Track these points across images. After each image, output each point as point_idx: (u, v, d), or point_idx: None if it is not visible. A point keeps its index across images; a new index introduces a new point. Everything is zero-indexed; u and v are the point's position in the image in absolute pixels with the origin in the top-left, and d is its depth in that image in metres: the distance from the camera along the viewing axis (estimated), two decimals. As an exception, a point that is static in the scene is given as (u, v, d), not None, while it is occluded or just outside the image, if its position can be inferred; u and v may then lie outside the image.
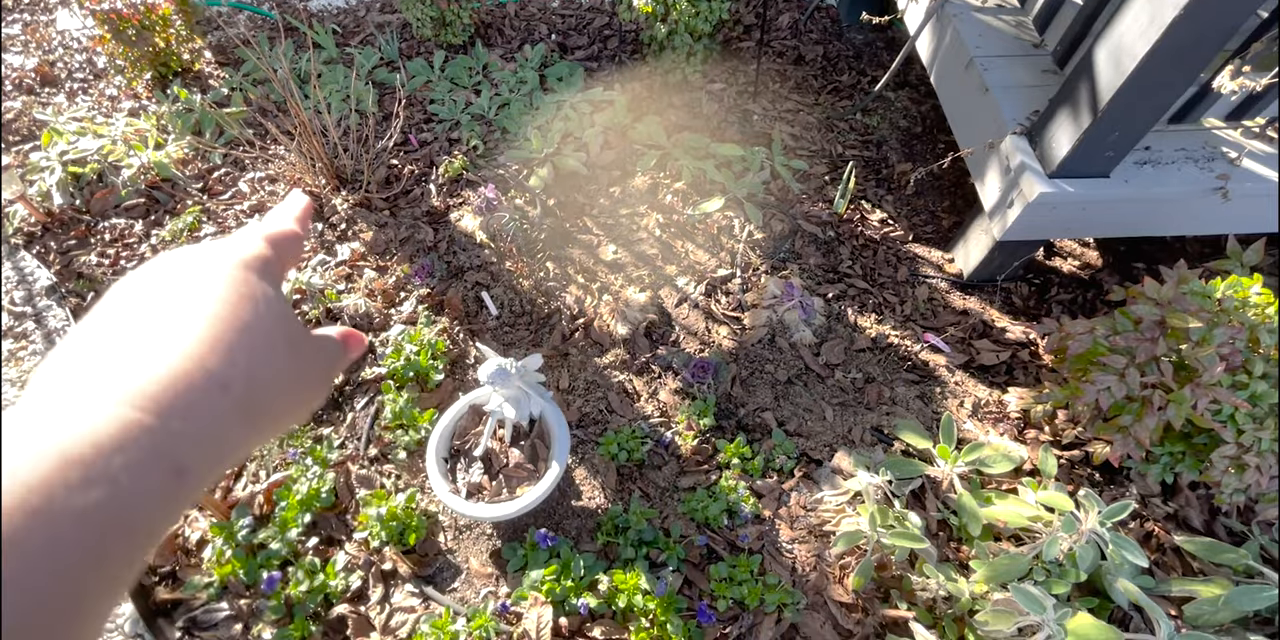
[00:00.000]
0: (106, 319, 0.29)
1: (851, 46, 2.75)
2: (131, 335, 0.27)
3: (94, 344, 0.27)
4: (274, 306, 0.31)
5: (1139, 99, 1.48)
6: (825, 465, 1.68)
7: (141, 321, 0.28)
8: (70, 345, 0.27)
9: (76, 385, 0.25)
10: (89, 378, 0.25)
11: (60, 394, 0.25)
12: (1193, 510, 1.61)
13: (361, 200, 2.29)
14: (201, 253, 0.32)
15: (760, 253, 2.11)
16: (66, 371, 0.26)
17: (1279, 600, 1.30)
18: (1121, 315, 1.53)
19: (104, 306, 0.29)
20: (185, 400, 0.25)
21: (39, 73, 2.88)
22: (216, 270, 0.31)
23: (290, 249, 0.36)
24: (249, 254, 0.33)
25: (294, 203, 0.40)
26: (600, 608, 1.43)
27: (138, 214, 2.34)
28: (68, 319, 2.05)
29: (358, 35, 2.90)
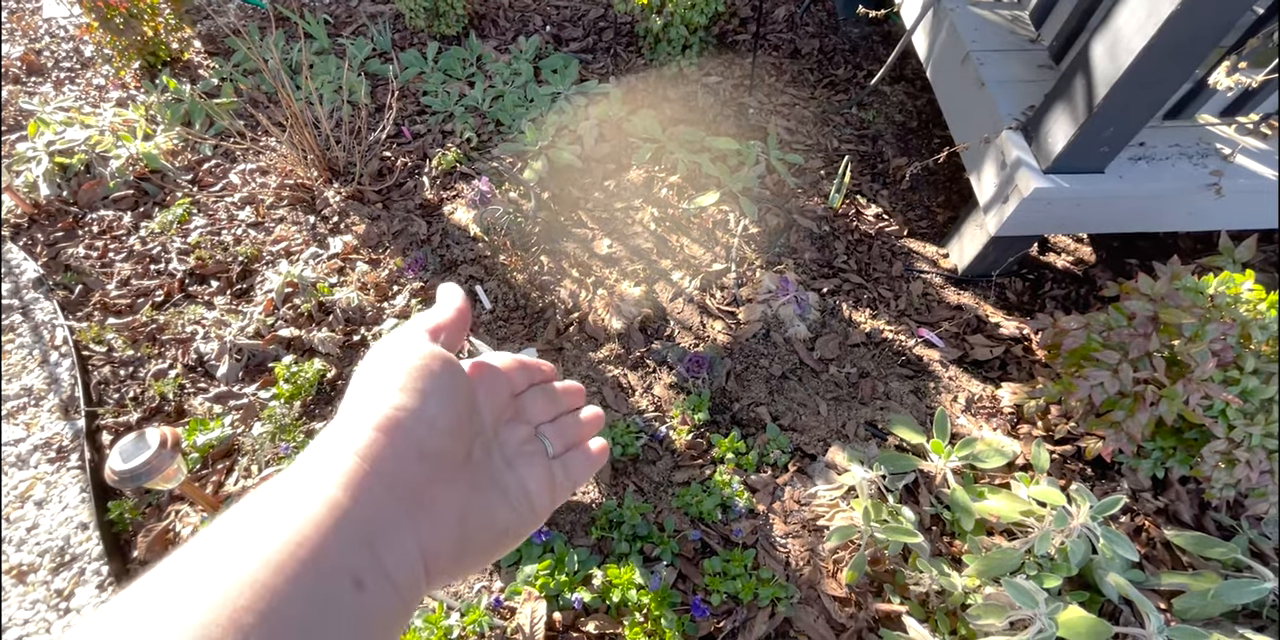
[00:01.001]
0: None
1: (848, 40, 2.74)
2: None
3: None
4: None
5: (1135, 94, 1.48)
6: (819, 460, 1.68)
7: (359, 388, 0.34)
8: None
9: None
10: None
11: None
12: (1183, 505, 1.62)
13: (354, 193, 2.27)
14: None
15: (755, 247, 2.10)
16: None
17: (1268, 594, 1.31)
18: (1115, 311, 1.53)
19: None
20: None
21: (25, 61, 2.84)
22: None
23: (453, 338, 0.39)
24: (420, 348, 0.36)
25: (449, 299, 0.40)
26: (594, 602, 1.43)
27: (126, 205, 2.31)
28: (55, 312, 2.02)
29: (350, 25, 2.86)
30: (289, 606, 0.25)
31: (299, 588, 0.25)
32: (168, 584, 0.25)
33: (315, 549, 0.26)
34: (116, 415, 1.81)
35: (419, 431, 0.32)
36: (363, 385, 0.33)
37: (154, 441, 1.34)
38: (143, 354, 1.92)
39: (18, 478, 1.69)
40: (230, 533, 0.27)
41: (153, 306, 2.03)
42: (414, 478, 0.31)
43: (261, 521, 0.27)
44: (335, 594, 0.26)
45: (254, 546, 0.26)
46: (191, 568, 0.25)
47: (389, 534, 0.29)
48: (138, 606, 0.24)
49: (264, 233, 2.22)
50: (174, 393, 1.83)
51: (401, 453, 0.31)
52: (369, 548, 0.28)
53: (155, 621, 0.23)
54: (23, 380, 1.88)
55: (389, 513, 0.30)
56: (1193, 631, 1.28)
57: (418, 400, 0.32)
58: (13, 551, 1.57)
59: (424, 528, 0.31)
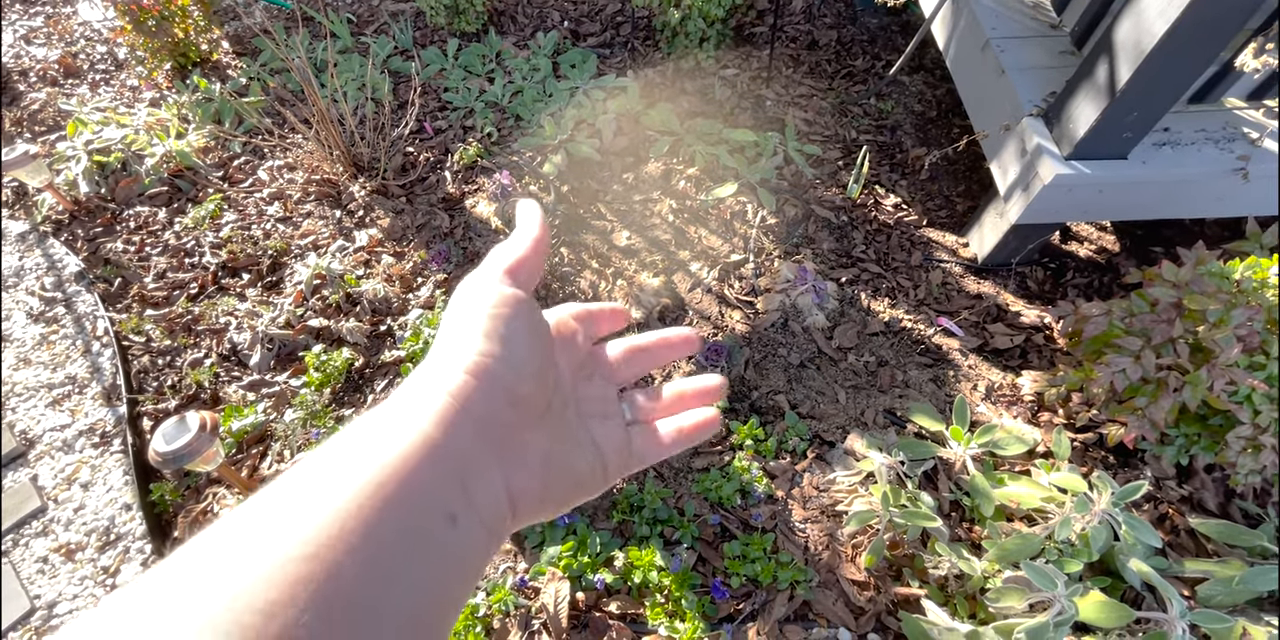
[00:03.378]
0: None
1: (866, 30, 2.73)
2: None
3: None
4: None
5: (1158, 79, 1.47)
6: (838, 447, 1.70)
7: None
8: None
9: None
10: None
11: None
12: (1208, 492, 1.61)
13: (378, 187, 2.32)
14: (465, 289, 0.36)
15: (773, 238, 2.12)
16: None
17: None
18: (1138, 297, 1.52)
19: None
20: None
21: (62, 64, 2.93)
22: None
23: (531, 273, 0.38)
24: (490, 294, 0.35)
25: (528, 225, 0.39)
26: (616, 583, 1.46)
27: (161, 202, 2.38)
28: (96, 304, 2.10)
29: (372, 24, 2.92)
30: (383, 537, 0.24)
31: (393, 519, 0.25)
32: (259, 514, 0.25)
33: (409, 480, 0.26)
34: (156, 402, 1.88)
35: (507, 377, 0.32)
36: (450, 329, 0.34)
37: (194, 425, 1.40)
38: (179, 344, 1.99)
39: (64, 461, 1.77)
40: (324, 462, 0.27)
41: (188, 298, 2.10)
42: (503, 420, 0.31)
43: (355, 453, 0.27)
44: (429, 527, 0.26)
45: (347, 476, 0.26)
46: (284, 497, 0.26)
47: (479, 471, 0.30)
48: (226, 537, 0.24)
49: (292, 227, 2.28)
50: (209, 381, 1.90)
51: (491, 395, 0.31)
52: (460, 484, 0.28)
53: (242, 552, 0.23)
54: (67, 369, 1.96)
55: (479, 450, 0.30)
56: (1217, 617, 1.27)
57: (502, 346, 0.32)
58: (61, 530, 1.65)
59: (511, 468, 0.31)
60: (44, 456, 1.78)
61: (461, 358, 0.32)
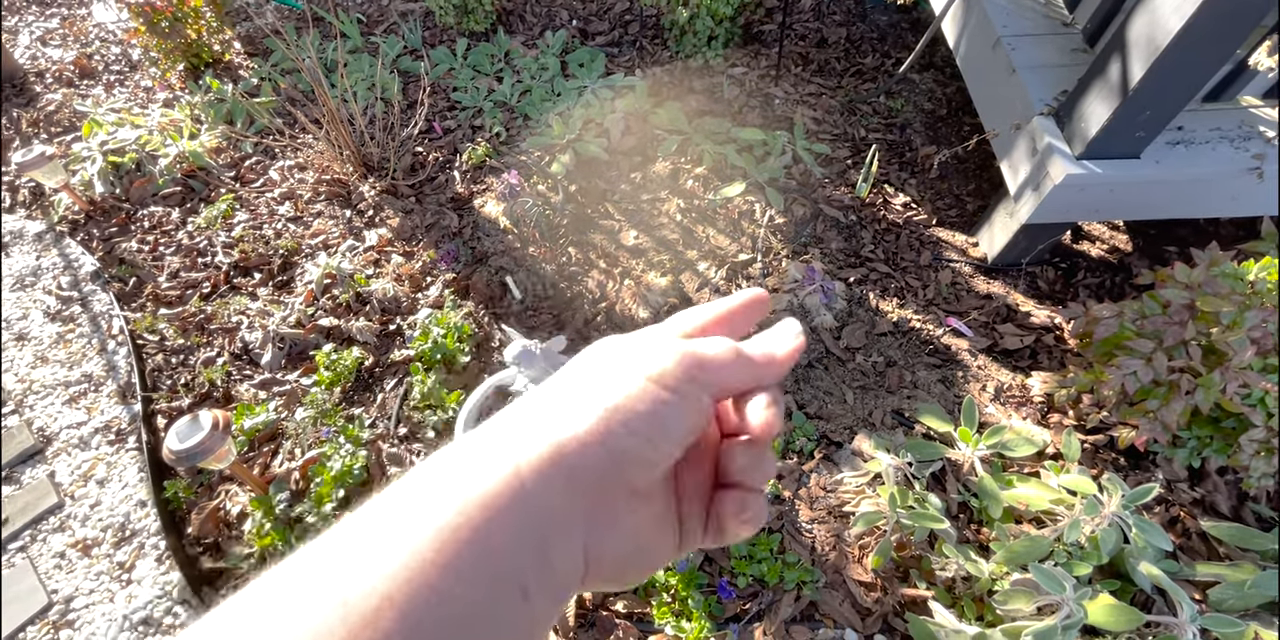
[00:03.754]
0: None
1: (875, 28, 2.71)
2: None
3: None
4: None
5: (1172, 77, 1.45)
6: (845, 447, 1.70)
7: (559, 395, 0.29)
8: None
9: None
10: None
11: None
12: (1220, 495, 1.59)
13: (388, 187, 2.34)
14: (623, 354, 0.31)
15: (781, 237, 2.11)
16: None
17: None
18: (1150, 299, 1.51)
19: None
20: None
21: (77, 65, 2.97)
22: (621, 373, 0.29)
23: (732, 380, 0.31)
24: (661, 370, 0.29)
25: (782, 341, 0.33)
26: (623, 582, 1.47)
27: (174, 202, 2.41)
28: (111, 303, 2.13)
29: (381, 24, 2.93)
30: (448, 610, 0.22)
31: (462, 591, 0.22)
32: (309, 564, 0.23)
33: (484, 542, 0.23)
34: (169, 400, 1.90)
35: (645, 451, 0.27)
36: (592, 370, 0.29)
37: (207, 424, 1.41)
38: (192, 342, 2.01)
39: (81, 458, 1.80)
40: (399, 503, 0.24)
41: (201, 297, 2.12)
42: (603, 475, 0.27)
43: (430, 492, 0.24)
44: (498, 601, 0.23)
45: (416, 526, 0.23)
46: (339, 545, 0.23)
47: (564, 531, 0.26)
48: (255, 606, 0.22)
49: (303, 226, 2.30)
50: (222, 379, 1.92)
51: (616, 455, 0.27)
52: (541, 545, 0.25)
53: (272, 623, 0.21)
54: (83, 367, 1.99)
55: (569, 505, 0.26)
56: (1228, 621, 1.26)
57: (647, 421, 0.27)
58: (78, 526, 1.68)
59: (597, 532, 0.27)
60: (61, 453, 1.81)
61: (607, 397, 0.27)
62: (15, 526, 1.68)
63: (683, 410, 0.28)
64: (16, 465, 1.80)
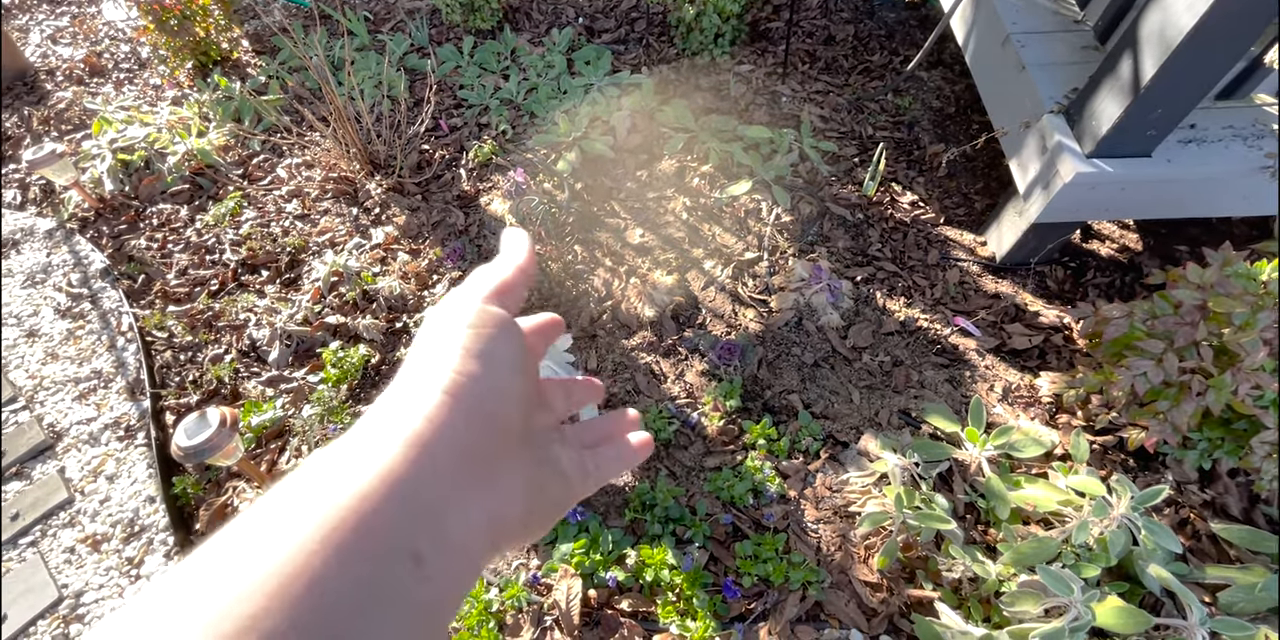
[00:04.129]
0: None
1: (883, 25, 2.69)
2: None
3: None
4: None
5: (1185, 75, 1.43)
6: (851, 447, 1.69)
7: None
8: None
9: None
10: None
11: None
12: (1231, 497, 1.58)
13: (394, 185, 2.34)
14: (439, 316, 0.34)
15: (788, 236, 2.10)
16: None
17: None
18: (1161, 299, 1.50)
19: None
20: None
21: (87, 63, 2.99)
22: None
23: (516, 300, 0.36)
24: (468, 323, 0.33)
25: (515, 250, 0.38)
26: (628, 581, 1.47)
27: (183, 199, 2.42)
28: (120, 300, 2.15)
29: (388, 22, 2.94)
30: (333, 591, 0.22)
31: (345, 570, 0.23)
32: (193, 575, 0.22)
33: (366, 523, 0.24)
34: (178, 397, 1.92)
35: (489, 399, 0.30)
36: (425, 349, 0.31)
37: (215, 421, 1.42)
38: (200, 340, 2.03)
39: (90, 454, 1.81)
40: (274, 508, 0.24)
41: (209, 295, 2.13)
42: (483, 444, 0.29)
43: (308, 495, 0.25)
44: (390, 574, 0.24)
45: (295, 525, 0.23)
46: (223, 553, 0.23)
47: (456, 502, 0.27)
48: (154, 606, 0.21)
49: (310, 224, 2.31)
50: (229, 376, 1.93)
51: (471, 418, 0.29)
52: (432, 519, 0.26)
53: (170, 623, 0.21)
54: (93, 364, 2.00)
55: (457, 479, 0.28)
56: (1238, 624, 1.25)
57: (484, 366, 0.30)
58: (87, 522, 1.69)
59: (492, 495, 0.29)
60: (71, 449, 1.83)
61: (438, 377, 0.29)
62: (26, 521, 1.70)
63: (502, 334, 0.32)
64: (27, 461, 1.82)
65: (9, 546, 1.67)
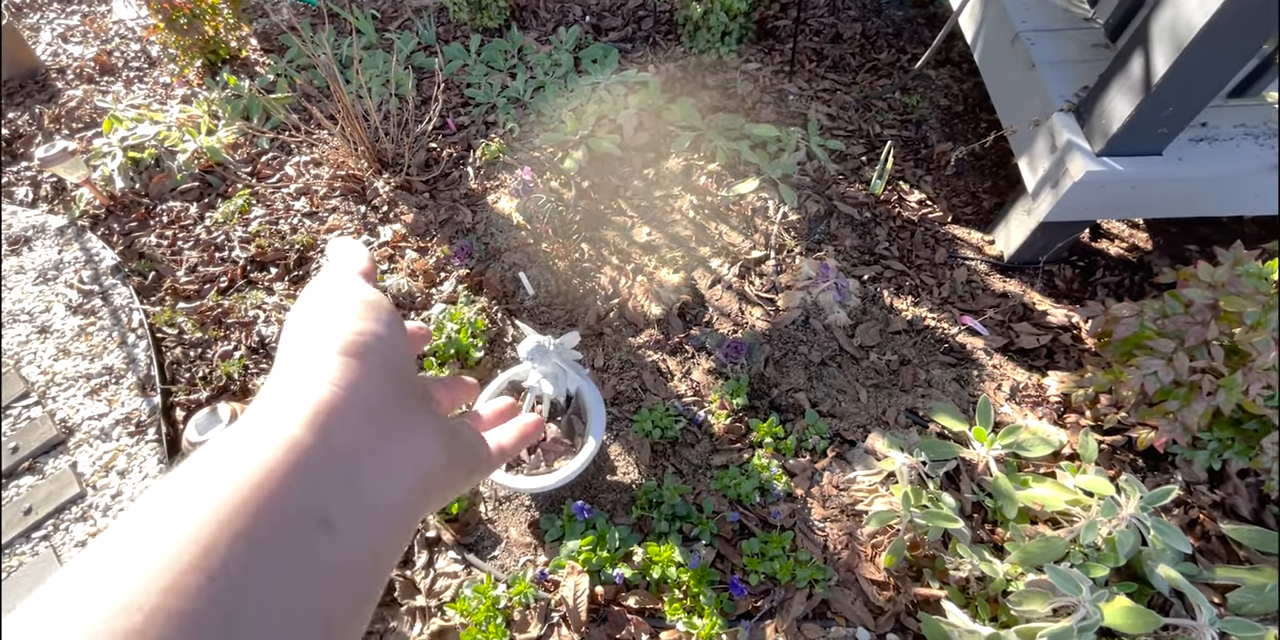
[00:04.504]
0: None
1: (891, 23, 2.68)
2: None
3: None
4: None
5: (1197, 72, 1.43)
6: (858, 446, 1.69)
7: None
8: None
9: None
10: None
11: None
12: (1241, 498, 1.57)
13: (402, 183, 2.35)
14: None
15: (795, 234, 2.10)
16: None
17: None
18: (1172, 298, 1.49)
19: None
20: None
21: (98, 62, 3.01)
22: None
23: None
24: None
25: (356, 252, 0.39)
26: (635, 578, 1.47)
27: (192, 197, 2.44)
28: (131, 297, 2.16)
29: (396, 20, 2.94)
30: (235, 563, 0.22)
31: (245, 546, 0.22)
32: (100, 555, 0.22)
33: (268, 496, 0.24)
34: (188, 393, 1.93)
35: (390, 356, 0.31)
36: (312, 320, 0.31)
37: (225, 416, 1.43)
38: (210, 336, 2.04)
39: (101, 449, 1.83)
40: (172, 492, 0.24)
41: (218, 292, 2.15)
42: (394, 397, 0.30)
43: (205, 474, 0.24)
44: (293, 541, 0.23)
45: (192, 504, 0.23)
46: (126, 535, 0.22)
47: (373, 458, 0.27)
48: (60, 591, 0.21)
49: (318, 222, 2.32)
50: (239, 373, 1.95)
51: (374, 375, 0.29)
52: (345, 480, 0.26)
53: (77, 605, 0.20)
54: (104, 360, 2.02)
55: (371, 435, 0.28)
56: (1248, 625, 1.25)
57: (380, 326, 0.31)
58: (99, 516, 1.71)
59: (411, 441, 0.29)
60: (83, 444, 1.85)
61: (333, 341, 0.30)
62: (39, 515, 1.71)
63: (388, 303, 0.34)
64: (40, 455, 1.84)
65: (22, 541, 1.69)
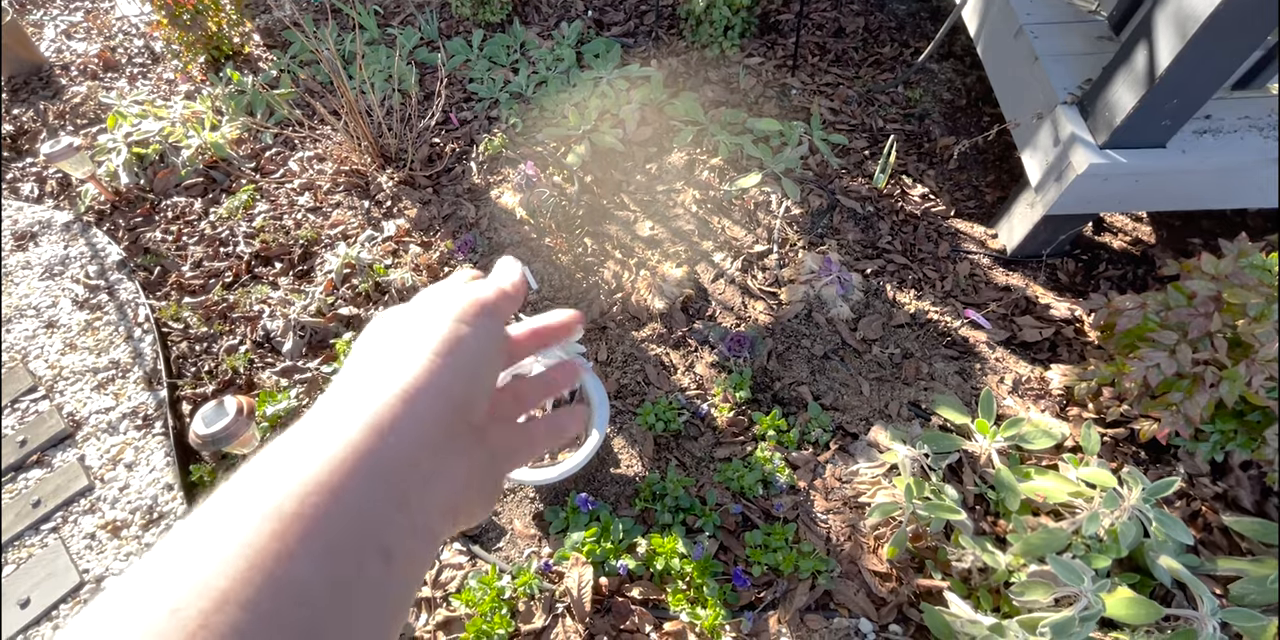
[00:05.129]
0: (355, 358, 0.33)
1: (894, 17, 2.67)
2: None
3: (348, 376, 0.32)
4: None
5: (1201, 64, 1.42)
6: (861, 439, 1.69)
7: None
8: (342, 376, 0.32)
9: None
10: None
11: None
12: (1243, 490, 1.57)
13: (405, 178, 2.36)
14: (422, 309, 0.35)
15: (798, 228, 2.10)
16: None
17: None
18: (1175, 290, 1.49)
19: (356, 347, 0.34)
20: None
21: (102, 58, 3.01)
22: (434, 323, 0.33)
23: (507, 308, 0.38)
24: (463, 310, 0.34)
25: (508, 273, 0.40)
26: (639, 569, 1.48)
27: (196, 192, 2.45)
28: (137, 292, 2.17)
29: (398, 16, 2.94)
30: (296, 589, 0.21)
31: (320, 569, 0.22)
32: (159, 565, 0.22)
33: (336, 504, 0.23)
34: (194, 387, 1.94)
35: (457, 387, 0.30)
36: (405, 330, 0.32)
37: (231, 409, 1.44)
38: (215, 330, 2.05)
39: (109, 443, 1.84)
40: (241, 488, 0.24)
41: (223, 286, 2.16)
42: (449, 424, 0.30)
43: (269, 473, 0.24)
44: (358, 570, 0.23)
45: (255, 503, 0.23)
46: (184, 538, 0.22)
47: (425, 479, 0.27)
48: (119, 600, 0.21)
49: (322, 217, 2.33)
50: (244, 367, 1.96)
51: (438, 400, 0.29)
52: (401, 500, 0.26)
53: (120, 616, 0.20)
54: (110, 354, 2.03)
55: (424, 456, 0.27)
56: (1250, 615, 1.25)
57: (459, 357, 0.31)
58: (107, 508, 1.72)
59: (451, 472, 0.29)
60: (90, 437, 1.86)
61: (413, 359, 0.30)
62: (48, 508, 1.73)
63: (486, 336, 0.33)
64: (48, 449, 1.85)
65: (31, 532, 1.71)
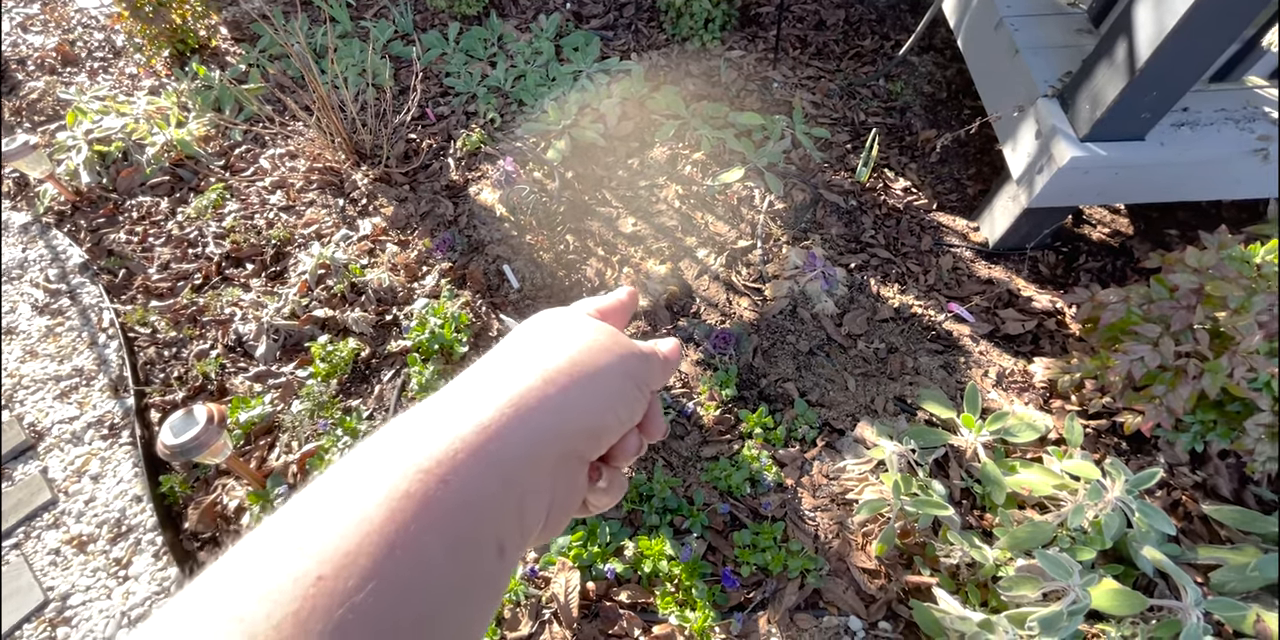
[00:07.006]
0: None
1: (874, 10, 2.66)
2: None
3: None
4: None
5: (1180, 57, 1.42)
6: (848, 435, 1.69)
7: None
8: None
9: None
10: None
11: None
12: (1222, 479, 1.59)
13: (381, 175, 2.30)
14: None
15: (781, 223, 2.09)
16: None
17: (1310, 567, 1.29)
18: (1157, 283, 1.50)
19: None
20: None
21: (60, 52, 2.90)
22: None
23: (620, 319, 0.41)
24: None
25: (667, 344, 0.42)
26: (626, 573, 1.46)
27: (163, 191, 2.36)
28: (101, 296, 2.09)
29: (371, 8, 2.87)
30: (424, 558, 0.23)
31: (451, 556, 0.24)
32: (291, 513, 0.24)
33: (463, 484, 0.25)
34: (163, 394, 1.88)
35: (566, 409, 0.32)
36: (541, 338, 0.33)
37: (201, 418, 1.39)
38: (185, 335, 1.98)
39: (74, 453, 1.77)
40: (375, 447, 0.26)
41: (192, 289, 2.09)
42: (566, 450, 0.31)
43: (409, 442, 0.26)
44: (480, 556, 0.25)
45: (392, 473, 0.25)
46: (320, 493, 0.25)
47: (538, 484, 0.28)
48: (244, 553, 0.24)
49: (295, 216, 2.26)
50: (215, 372, 1.89)
51: (573, 426, 0.31)
52: (519, 501, 0.27)
53: (253, 569, 0.23)
54: (74, 361, 1.95)
55: (543, 459, 0.29)
56: (1231, 604, 1.26)
57: (623, 412, 0.33)
58: (72, 523, 1.66)
59: (549, 488, 0.30)
60: (53, 449, 1.79)
61: (547, 362, 0.31)
62: (9, 523, 1.66)
63: (641, 403, 0.35)
64: (9, 461, 1.78)
65: (-8, 548, 1.64)
